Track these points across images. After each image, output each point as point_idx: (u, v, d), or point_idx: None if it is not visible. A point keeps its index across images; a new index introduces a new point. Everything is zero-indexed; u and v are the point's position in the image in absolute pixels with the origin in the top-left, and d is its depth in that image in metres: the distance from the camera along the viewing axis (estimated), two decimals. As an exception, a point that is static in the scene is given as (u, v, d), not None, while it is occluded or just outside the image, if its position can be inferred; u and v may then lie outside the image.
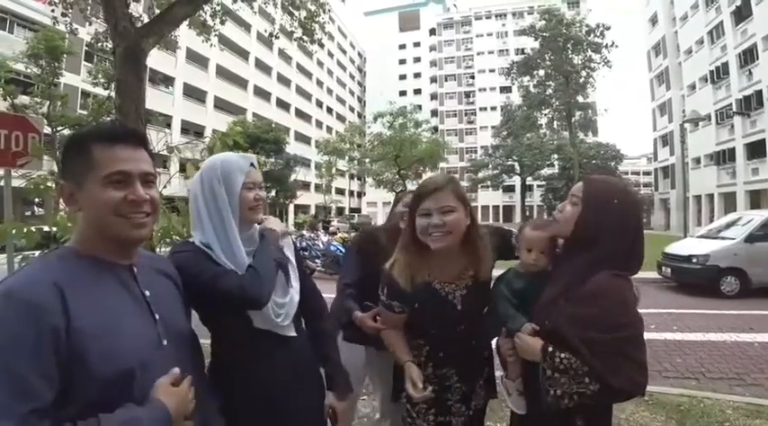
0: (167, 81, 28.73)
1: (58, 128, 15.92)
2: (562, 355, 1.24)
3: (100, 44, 7.41)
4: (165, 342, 0.98)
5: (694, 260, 8.84)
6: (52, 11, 6.98)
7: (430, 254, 1.48)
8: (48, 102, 15.95)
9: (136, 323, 0.94)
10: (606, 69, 28.62)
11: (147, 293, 1.00)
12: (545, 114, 32.04)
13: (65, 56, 16.00)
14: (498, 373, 1.63)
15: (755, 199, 23.95)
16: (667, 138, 34.72)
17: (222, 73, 34.27)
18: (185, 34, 14.51)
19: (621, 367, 1.20)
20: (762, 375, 4.29)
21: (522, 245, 1.54)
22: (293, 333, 1.41)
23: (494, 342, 1.62)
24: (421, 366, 1.51)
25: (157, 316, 0.99)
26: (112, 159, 0.94)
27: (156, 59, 24.80)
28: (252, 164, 1.41)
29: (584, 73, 28.58)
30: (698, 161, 29.81)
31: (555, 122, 32.49)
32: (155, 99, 23.67)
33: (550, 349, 1.27)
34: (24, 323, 0.79)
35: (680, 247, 9.85)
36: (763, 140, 23.42)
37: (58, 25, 7.42)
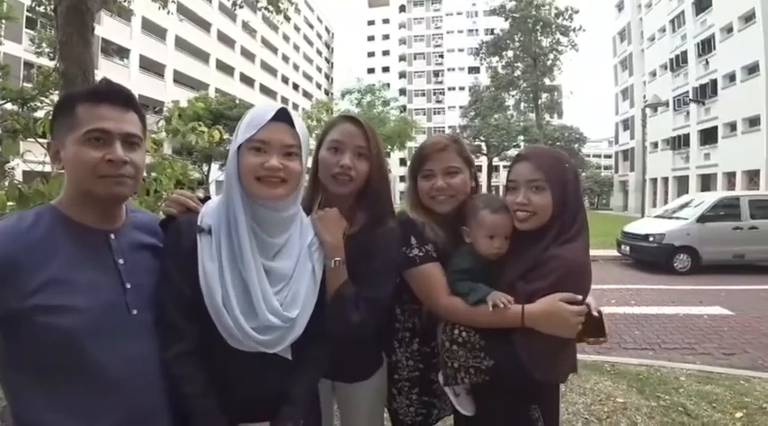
0: (122, 53, 26.93)
1: (0, 102, 14.74)
2: (461, 327, 1.23)
3: (42, 8, 6.76)
4: (134, 312, 0.97)
5: (651, 238, 9.28)
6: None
7: (434, 217, 1.39)
8: (-14, 72, 14.69)
9: (96, 289, 0.93)
10: (573, 53, 29.25)
11: (121, 261, 0.99)
12: (512, 95, 32.45)
13: (3, 21, 14.67)
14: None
15: (706, 183, 25.49)
16: (628, 123, 35.98)
17: (182, 45, 32.38)
18: (141, 1, 13.58)
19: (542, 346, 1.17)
20: (710, 344, 4.59)
21: (480, 232, 1.30)
22: (287, 356, 1.09)
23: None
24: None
25: (128, 285, 0.98)
26: (93, 117, 0.93)
27: (108, 29, 23.22)
28: (279, 117, 1.03)
29: (551, 55, 29.05)
30: (655, 145, 31.13)
31: (522, 104, 32.92)
32: (109, 71, 22.14)
33: (449, 325, 1.26)
34: None
35: (638, 226, 10.31)
36: (716, 127, 24.74)
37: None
